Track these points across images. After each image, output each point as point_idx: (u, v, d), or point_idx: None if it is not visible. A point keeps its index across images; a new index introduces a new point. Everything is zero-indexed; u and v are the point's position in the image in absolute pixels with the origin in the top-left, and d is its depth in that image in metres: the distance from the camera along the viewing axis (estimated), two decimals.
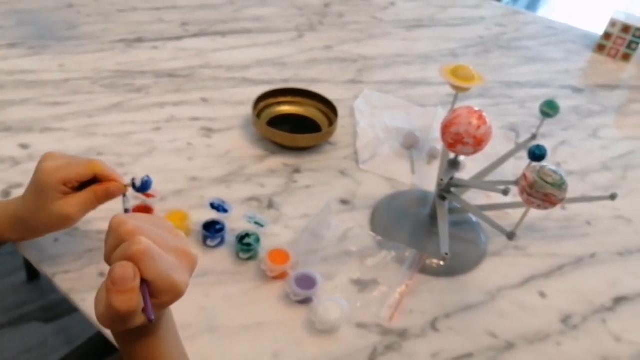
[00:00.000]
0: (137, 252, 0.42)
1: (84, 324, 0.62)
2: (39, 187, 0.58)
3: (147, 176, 0.60)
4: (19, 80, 0.98)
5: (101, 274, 0.67)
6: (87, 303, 0.63)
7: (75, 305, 0.64)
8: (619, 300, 0.75)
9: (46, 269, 0.67)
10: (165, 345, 0.49)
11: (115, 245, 0.44)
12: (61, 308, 1.41)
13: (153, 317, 0.43)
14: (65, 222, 0.60)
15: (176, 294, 0.45)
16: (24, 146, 0.84)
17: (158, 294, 0.44)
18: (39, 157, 0.59)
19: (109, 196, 0.59)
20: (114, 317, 0.42)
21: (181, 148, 0.88)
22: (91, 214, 0.61)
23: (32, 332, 1.36)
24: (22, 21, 1.15)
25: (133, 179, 0.60)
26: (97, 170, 0.58)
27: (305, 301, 0.67)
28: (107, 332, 0.58)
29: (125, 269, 0.42)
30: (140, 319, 0.44)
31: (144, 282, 0.43)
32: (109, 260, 0.44)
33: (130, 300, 0.41)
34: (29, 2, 1.22)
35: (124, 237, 0.43)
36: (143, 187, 0.60)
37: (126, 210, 0.56)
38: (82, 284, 0.65)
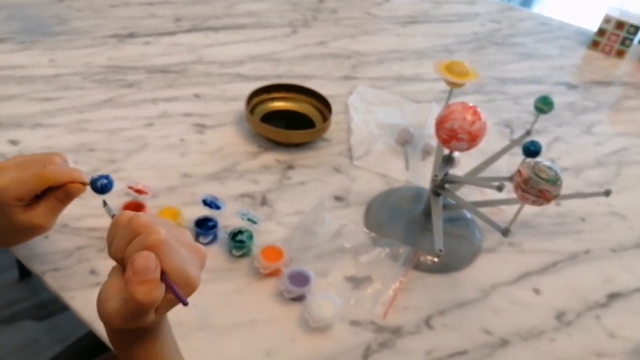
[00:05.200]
0: (157, 242, 0.41)
1: (77, 322, 0.62)
2: None
3: (107, 177, 0.55)
4: (8, 76, 0.96)
5: (92, 272, 0.66)
6: (77, 301, 0.63)
7: (65, 303, 0.63)
8: (613, 297, 0.75)
9: (36, 267, 0.66)
10: (165, 346, 0.49)
11: (129, 238, 0.42)
12: (53, 306, 1.40)
13: (187, 301, 0.41)
14: (39, 231, 0.58)
15: (190, 288, 0.44)
16: (13, 142, 0.83)
17: None
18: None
19: (71, 198, 0.57)
20: (132, 310, 0.41)
21: (173, 144, 0.87)
22: (81, 211, 0.60)
23: (25, 330, 1.35)
24: (12, 16, 1.14)
25: (92, 179, 0.55)
26: (48, 181, 0.55)
27: (299, 298, 0.66)
28: (101, 331, 0.57)
29: (147, 259, 0.40)
30: (152, 315, 0.43)
31: (162, 273, 0.41)
32: (118, 255, 0.43)
33: (152, 290, 0.40)
34: None
35: (139, 230, 0.42)
36: (102, 189, 0.55)
37: (113, 217, 0.52)
38: (72, 282, 0.65)
